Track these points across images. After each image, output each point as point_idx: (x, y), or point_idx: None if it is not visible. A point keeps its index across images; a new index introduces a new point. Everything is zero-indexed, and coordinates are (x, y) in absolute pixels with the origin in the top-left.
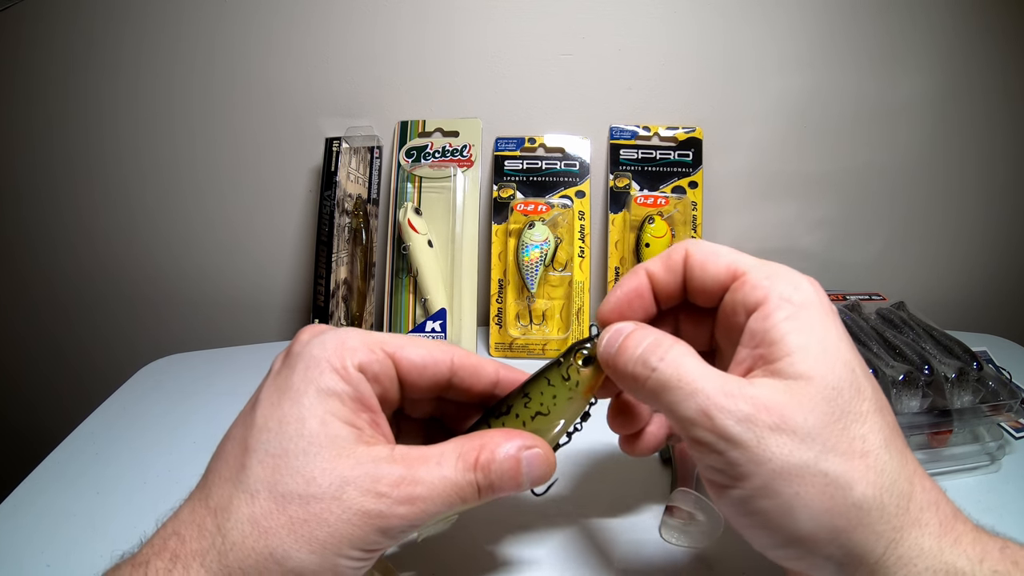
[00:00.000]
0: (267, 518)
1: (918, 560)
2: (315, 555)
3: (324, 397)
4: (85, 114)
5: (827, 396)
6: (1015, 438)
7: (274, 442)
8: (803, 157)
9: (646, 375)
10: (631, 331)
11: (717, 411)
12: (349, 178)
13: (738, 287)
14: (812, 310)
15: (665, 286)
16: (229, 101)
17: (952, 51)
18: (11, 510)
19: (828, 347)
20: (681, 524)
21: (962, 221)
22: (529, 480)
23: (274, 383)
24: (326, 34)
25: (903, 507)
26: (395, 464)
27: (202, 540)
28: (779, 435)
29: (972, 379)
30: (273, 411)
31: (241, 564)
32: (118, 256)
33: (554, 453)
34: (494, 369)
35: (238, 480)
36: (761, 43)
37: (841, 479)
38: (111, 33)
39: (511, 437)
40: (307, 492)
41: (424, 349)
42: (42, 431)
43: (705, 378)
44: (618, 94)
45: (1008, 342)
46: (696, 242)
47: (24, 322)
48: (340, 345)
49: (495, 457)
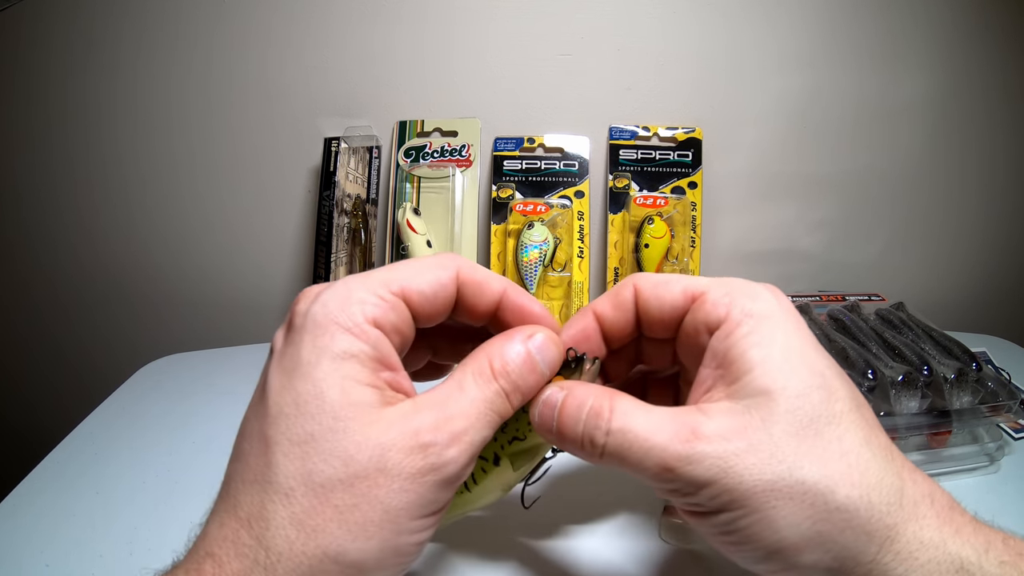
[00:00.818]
0: (311, 515)
1: (919, 553)
2: (373, 540)
3: (339, 363)
4: (85, 114)
5: (791, 407)
6: (1014, 439)
7: (295, 427)
8: (803, 158)
9: (598, 451)
10: (562, 400)
11: (676, 462)
12: (348, 178)
13: (698, 307)
14: (773, 321)
15: (614, 325)
16: (228, 101)
17: (952, 51)
18: (11, 510)
19: (791, 356)
20: (679, 524)
21: (962, 222)
22: (545, 365)
23: (279, 364)
24: (325, 34)
25: (894, 503)
26: (425, 411)
27: (242, 559)
28: (747, 456)
29: (971, 380)
30: (286, 394)
31: (292, 573)
32: (117, 256)
33: (557, 325)
34: (500, 285)
35: (266, 480)
36: (761, 43)
37: (820, 484)
38: (110, 33)
39: (510, 337)
40: (348, 473)
41: (430, 272)
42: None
43: (657, 431)
44: (617, 94)
45: (1008, 343)
46: (644, 275)
47: (24, 322)
48: (346, 300)
49: (507, 359)
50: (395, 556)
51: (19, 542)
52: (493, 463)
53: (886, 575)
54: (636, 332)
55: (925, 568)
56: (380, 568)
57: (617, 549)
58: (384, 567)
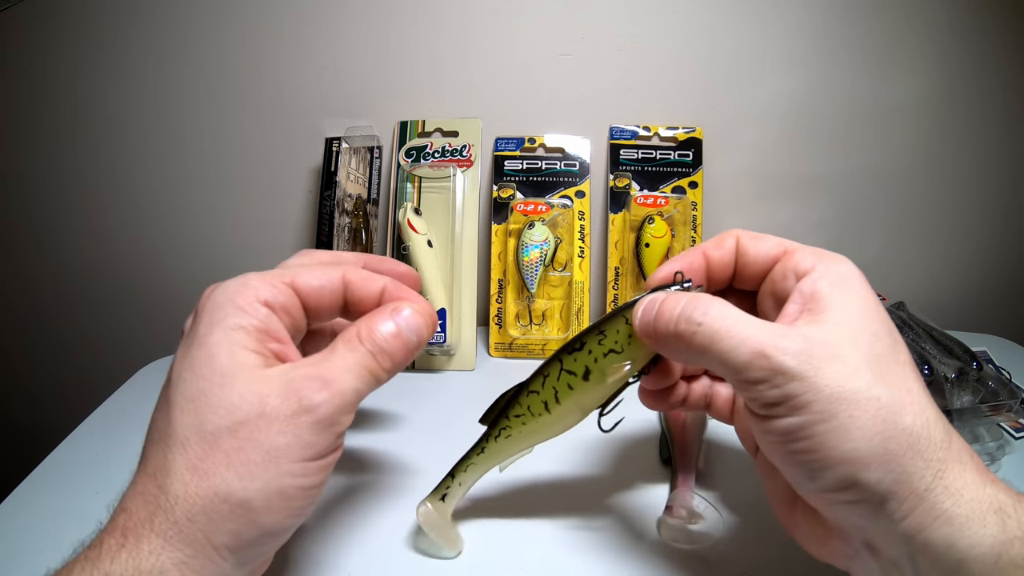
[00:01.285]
0: (203, 460)
1: (965, 491)
2: (257, 481)
3: (230, 332)
4: (91, 115)
5: (869, 339)
6: (1015, 438)
7: (191, 387)
8: (803, 157)
9: (691, 331)
10: (664, 297)
11: (773, 349)
12: (349, 178)
13: (789, 258)
14: (854, 280)
15: (718, 265)
16: (229, 101)
17: (949, 52)
18: (11, 510)
19: (869, 306)
20: (680, 523)
21: (961, 220)
22: (416, 336)
23: (184, 341)
24: (326, 35)
25: (946, 442)
26: (301, 367)
27: (147, 506)
28: (833, 363)
29: (972, 379)
30: (184, 361)
31: (189, 515)
32: (121, 255)
33: (434, 309)
34: (381, 282)
35: (168, 436)
36: (761, 43)
37: (893, 405)
38: (115, 34)
39: (379, 311)
40: (233, 420)
41: (318, 270)
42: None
43: (754, 324)
44: (618, 94)
45: (1008, 342)
46: (743, 230)
47: (31, 319)
48: (242, 286)
49: (372, 326)
50: (281, 499)
51: (19, 543)
52: (583, 378)
53: (934, 507)
54: (729, 281)
55: (969, 505)
56: (268, 510)
57: (617, 549)
58: (272, 509)
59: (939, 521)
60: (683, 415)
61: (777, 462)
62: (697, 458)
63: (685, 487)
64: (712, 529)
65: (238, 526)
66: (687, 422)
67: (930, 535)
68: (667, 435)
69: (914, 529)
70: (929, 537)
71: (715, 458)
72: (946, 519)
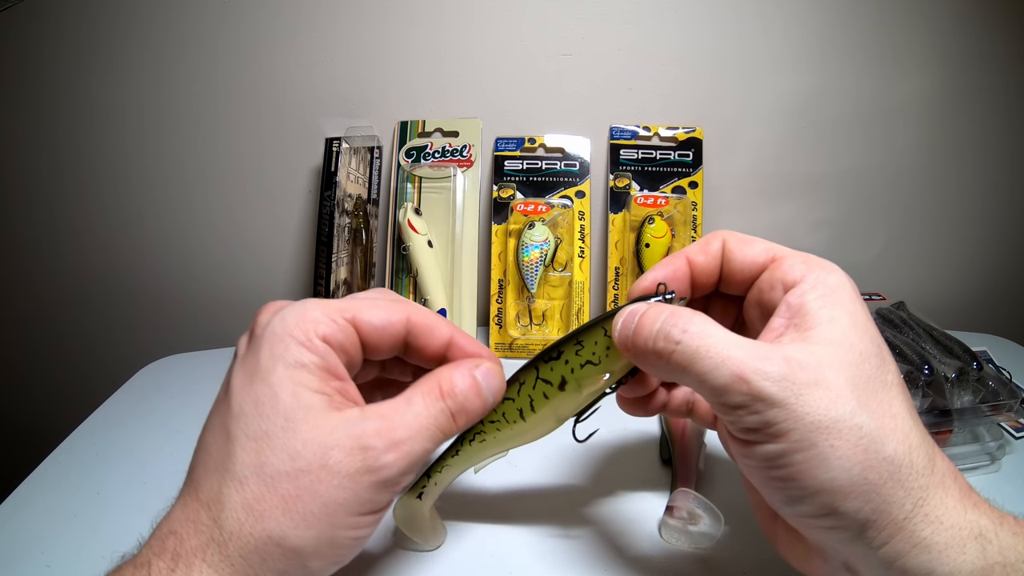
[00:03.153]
0: (260, 502)
1: (945, 518)
2: (312, 530)
3: (292, 370)
4: (88, 113)
5: (856, 360)
6: (1015, 438)
7: (253, 425)
8: (803, 157)
9: (670, 349)
10: (645, 309)
11: (752, 374)
12: (349, 178)
13: (777, 266)
14: (844, 292)
15: (703, 271)
16: (229, 101)
17: (950, 51)
18: (11, 510)
19: (857, 322)
20: (681, 524)
21: (962, 220)
22: (490, 392)
23: (242, 367)
24: (326, 34)
25: (928, 468)
26: (371, 419)
27: (200, 535)
28: (815, 390)
29: (972, 379)
30: (246, 395)
31: (242, 552)
32: (121, 255)
33: (500, 363)
34: (448, 331)
35: (225, 469)
36: (762, 43)
37: (874, 433)
38: (115, 33)
39: (459, 364)
40: (294, 467)
41: (382, 310)
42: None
43: (734, 345)
44: (618, 94)
45: (1008, 342)
46: (728, 231)
47: (28, 319)
48: (302, 318)
49: (455, 382)
50: (331, 547)
51: (20, 542)
52: (559, 388)
53: (913, 535)
54: (716, 284)
55: (949, 532)
56: (317, 556)
57: (618, 550)
58: (321, 555)
59: (918, 549)
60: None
61: (757, 486)
62: (697, 459)
63: (685, 488)
64: (712, 530)
65: (285, 568)
66: (687, 423)
67: (909, 562)
68: (667, 436)
69: (893, 556)
70: (908, 564)
71: (716, 459)
72: (925, 547)
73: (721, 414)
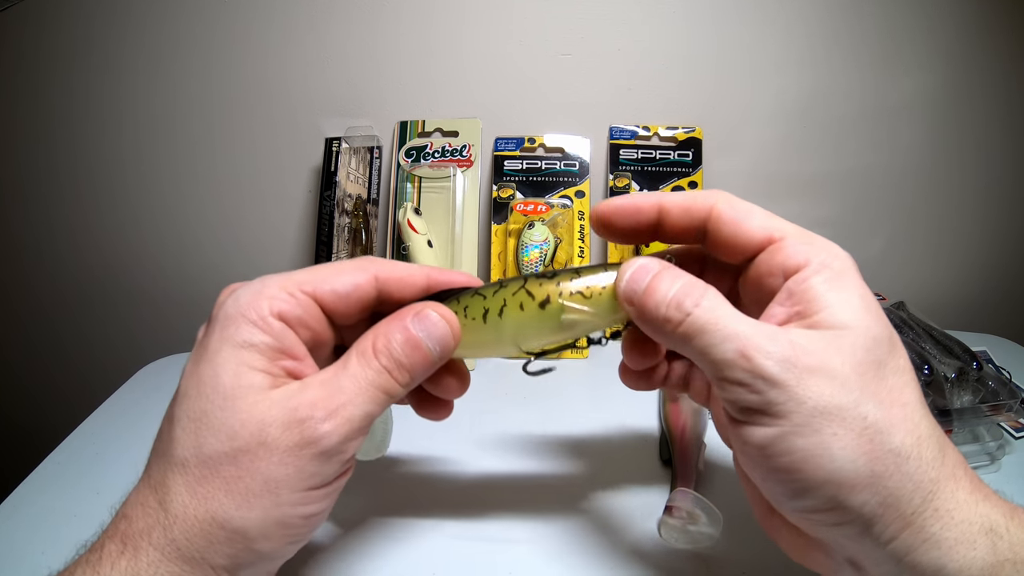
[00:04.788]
0: (201, 483)
1: (955, 512)
2: (255, 511)
3: (239, 350)
4: (87, 113)
5: (866, 344)
6: (1015, 438)
7: (194, 406)
8: (803, 157)
9: (679, 319)
10: (659, 270)
11: (755, 351)
12: (349, 178)
13: (776, 250)
14: (850, 275)
15: (674, 225)
16: (229, 101)
17: (950, 51)
18: (11, 510)
19: (869, 305)
20: (681, 524)
21: (962, 220)
22: (435, 344)
23: (196, 352)
24: (326, 34)
25: (938, 460)
26: (309, 389)
27: (147, 518)
28: (818, 377)
29: (972, 379)
30: (191, 377)
31: (186, 535)
32: (120, 255)
33: (452, 312)
34: (423, 275)
35: (169, 452)
36: (761, 43)
37: (880, 424)
38: (113, 33)
39: (398, 315)
40: (232, 448)
41: (346, 275)
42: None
43: (742, 322)
44: (618, 94)
45: (1008, 342)
46: (727, 197)
47: (31, 321)
48: (257, 295)
49: (389, 337)
50: (279, 527)
51: (20, 542)
52: (539, 305)
53: (922, 530)
54: (692, 240)
55: (959, 528)
56: (265, 538)
57: (617, 549)
58: (269, 537)
59: (927, 544)
60: (684, 416)
61: (757, 478)
62: (697, 459)
63: (685, 488)
64: (712, 530)
65: (235, 551)
66: (687, 423)
67: (917, 558)
68: (667, 435)
69: (901, 552)
70: (917, 560)
71: (715, 458)
72: (934, 542)
73: (720, 391)
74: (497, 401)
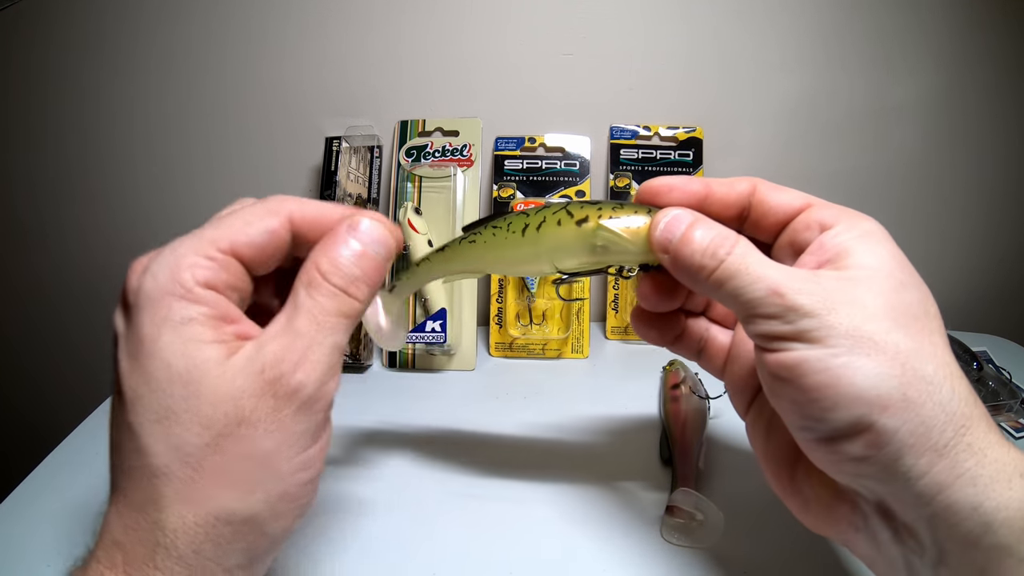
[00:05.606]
0: (191, 487)
1: (988, 451)
2: (258, 493)
3: (180, 328)
4: (90, 113)
5: (895, 287)
6: (1015, 438)
7: (153, 407)
8: (803, 157)
9: (713, 265)
10: (692, 220)
11: (787, 288)
12: (349, 178)
13: (813, 211)
14: (881, 236)
15: (719, 200)
16: (229, 100)
17: (949, 52)
18: (11, 510)
19: (897, 256)
20: (681, 524)
21: (962, 221)
22: (379, 246)
23: (125, 348)
24: (326, 33)
25: (971, 400)
26: (267, 345)
27: (144, 544)
28: (850, 307)
29: (972, 379)
30: (136, 376)
31: (193, 547)
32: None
33: (378, 213)
34: (340, 210)
35: (143, 466)
36: (762, 43)
37: (912, 352)
38: (113, 33)
39: (332, 233)
40: (212, 436)
41: (260, 220)
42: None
43: (773, 267)
44: (619, 94)
45: (1008, 342)
46: (760, 179)
47: (38, 316)
48: (175, 268)
49: (331, 257)
50: (285, 502)
51: (20, 542)
52: (576, 223)
53: (956, 465)
54: (734, 224)
55: (994, 465)
56: (276, 517)
57: (617, 549)
58: (279, 515)
59: (962, 480)
60: (684, 415)
61: (784, 406)
62: (697, 458)
63: (686, 487)
64: (712, 529)
65: (248, 543)
66: (687, 422)
67: (952, 495)
68: (667, 435)
69: (934, 489)
70: (951, 498)
71: (716, 458)
72: (970, 478)
73: (751, 327)
74: (497, 401)
